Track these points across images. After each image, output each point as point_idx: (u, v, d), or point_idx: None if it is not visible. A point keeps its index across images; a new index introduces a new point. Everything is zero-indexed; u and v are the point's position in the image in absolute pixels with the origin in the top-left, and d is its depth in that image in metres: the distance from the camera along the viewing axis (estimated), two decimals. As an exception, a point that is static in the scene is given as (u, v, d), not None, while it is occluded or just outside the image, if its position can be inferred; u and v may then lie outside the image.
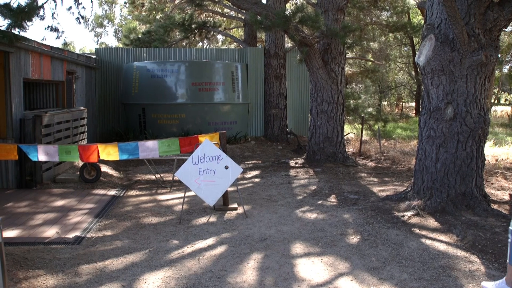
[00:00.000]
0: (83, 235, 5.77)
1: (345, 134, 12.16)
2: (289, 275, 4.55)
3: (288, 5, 18.21)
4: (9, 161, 8.14)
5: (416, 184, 6.96)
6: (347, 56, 15.35)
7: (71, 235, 5.78)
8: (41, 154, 7.01)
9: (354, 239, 5.61)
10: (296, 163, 10.78)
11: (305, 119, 15.89)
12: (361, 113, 14.53)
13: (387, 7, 17.81)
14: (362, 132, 13.35)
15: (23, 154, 7.21)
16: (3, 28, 7.82)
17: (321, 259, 4.96)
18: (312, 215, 6.64)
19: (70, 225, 6.21)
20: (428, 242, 5.46)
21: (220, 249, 5.27)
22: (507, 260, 4.01)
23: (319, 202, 7.48)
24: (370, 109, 19.22)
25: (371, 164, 11.16)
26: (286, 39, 15.92)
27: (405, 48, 30.02)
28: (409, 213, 6.41)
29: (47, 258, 5.00)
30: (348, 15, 16.22)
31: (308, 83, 14.97)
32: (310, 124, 11.19)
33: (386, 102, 34.30)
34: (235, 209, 6.95)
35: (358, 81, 27.79)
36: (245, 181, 9.18)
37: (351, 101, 14.97)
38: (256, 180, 9.30)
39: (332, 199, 7.61)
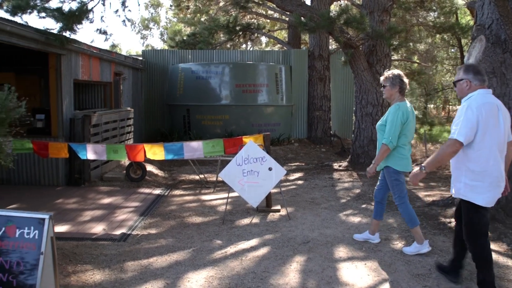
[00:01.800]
0: (129, 233, 5.90)
1: (390, 137, 11.94)
2: (332, 278, 4.50)
3: (332, 7, 18.07)
4: (59, 159, 8.41)
5: (464, 190, 6.75)
6: (392, 58, 15.10)
7: (118, 232, 5.92)
8: (89, 153, 7.22)
9: (398, 244, 5.51)
10: (339, 166, 10.67)
11: (349, 121, 15.73)
12: (407, 116, 14.24)
13: (434, 7, 17.39)
14: (407, 135, 13.08)
15: (72, 153, 7.43)
16: (55, 31, 8.08)
17: (365, 264, 4.88)
18: (356, 219, 6.56)
19: (117, 222, 6.36)
20: (477, 249, 5.28)
21: (262, 251, 5.27)
22: None
23: (363, 205, 7.38)
24: (415, 112, 18.83)
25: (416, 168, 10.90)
26: (330, 40, 15.80)
27: (452, 50, 29.18)
28: (457, 219, 6.23)
29: (94, 253, 5.13)
30: (393, 16, 15.95)
31: (352, 85, 14.79)
32: (354, 127, 11.06)
33: (432, 105, 33.47)
34: (278, 211, 6.94)
35: (404, 83, 27.21)
36: (288, 183, 9.16)
37: (397, 104, 14.70)
38: (299, 182, 9.27)
39: (376, 203, 7.48)
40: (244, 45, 28.54)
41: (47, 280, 3.22)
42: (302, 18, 9.76)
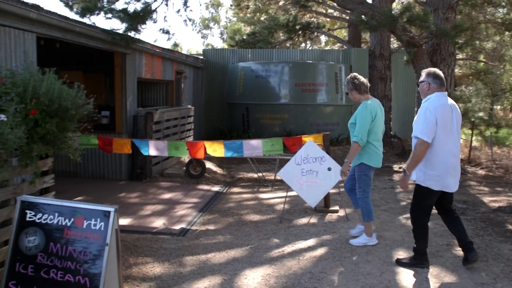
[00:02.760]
0: (188, 228, 6.02)
1: (453, 139, 11.53)
2: (391, 283, 4.39)
3: (394, 4, 17.63)
4: (122, 154, 8.69)
5: (534, 196, 6.43)
6: (457, 57, 14.57)
7: (177, 227, 6.05)
8: (151, 149, 7.40)
9: (461, 251, 5.30)
10: (399, 168, 10.42)
11: (410, 122, 15.17)
12: (471, 117, 13.68)
13: (503, 3, 16.59)
14: (471, 138, 12.60)
15: (135, 149, 7.65)
16: (120, 31, 8.36)
17: (425, 269, 4.74)
18: (417, 222, 6.37)
19: (176, 217, 6.50)
20: (548, 260, 5.01)
21: (320, 251, 5.23)
22: None
23: (424, 209, 7.15)
24: (481, 114, 18.04)
25: (481, 172, 10.50)
26: (392, 39, 15.44)
27: (523, 48, 27.81)
28: (526, 227, 5.94)
29: (154, 247, 5.27)
30: (459, 13, 15.36)
31: (414, 85, 14.41)
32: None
33: (499, 106, 31.96)
34: (336, 211, 6.87)
35: (468, 83, 26.25)
36: (346, 184, 9.03)
37: (461, 105, 14.10)
38: (358, 183, 9.11)
39: (438, 207, 7.25)
40: (303, 44, 28.43)
41: (111, 270, 3.33)
42: (363, 16, 9.59)
